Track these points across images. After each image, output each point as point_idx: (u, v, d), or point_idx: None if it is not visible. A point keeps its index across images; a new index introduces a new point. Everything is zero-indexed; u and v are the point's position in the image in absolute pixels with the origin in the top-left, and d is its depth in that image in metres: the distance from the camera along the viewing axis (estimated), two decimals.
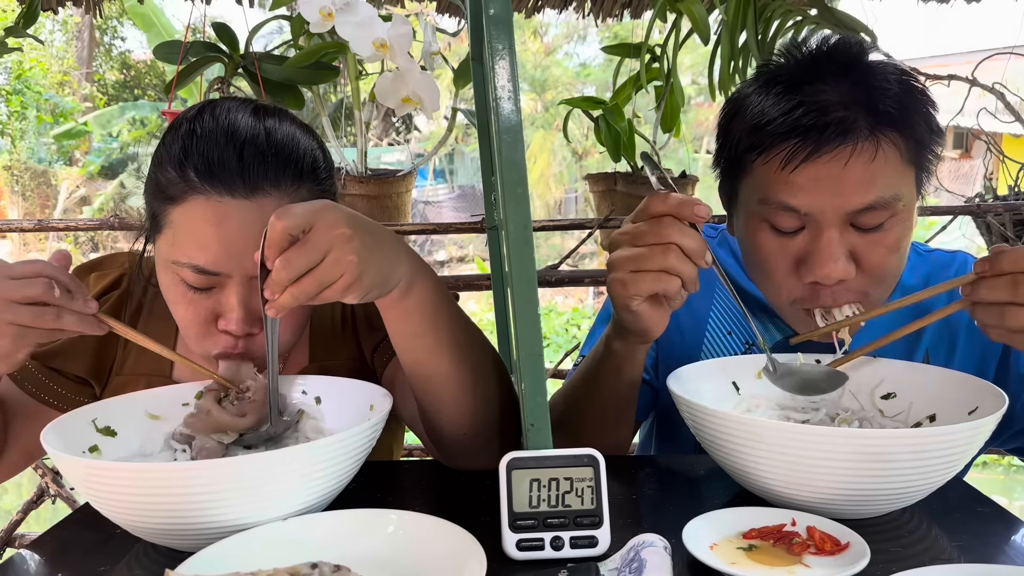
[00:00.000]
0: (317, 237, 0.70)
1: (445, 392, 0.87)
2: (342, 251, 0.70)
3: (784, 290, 0.98)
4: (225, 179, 0.87)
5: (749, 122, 0.96)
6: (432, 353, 0.85)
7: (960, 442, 0.73)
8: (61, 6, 2.35)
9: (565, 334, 8.08)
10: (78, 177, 12.03)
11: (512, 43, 0.74)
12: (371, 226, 0.75)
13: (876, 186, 0.90)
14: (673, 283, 0.82)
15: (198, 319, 0.92)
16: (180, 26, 8.75)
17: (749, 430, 0.76)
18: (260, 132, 0.90)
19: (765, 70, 1.00)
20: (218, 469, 0.69)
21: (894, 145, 0.91)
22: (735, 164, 1.00)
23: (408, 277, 0.79)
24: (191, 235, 0.88)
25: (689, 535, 0.70)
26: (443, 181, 13.83)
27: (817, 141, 0.90)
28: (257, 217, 0.87)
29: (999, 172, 2.30)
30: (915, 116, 0.92)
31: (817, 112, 0.90)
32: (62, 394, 1.04)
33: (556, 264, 2.05)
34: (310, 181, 0.93)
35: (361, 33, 1.68)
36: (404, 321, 0.82)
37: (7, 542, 2.06)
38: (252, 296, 0.90)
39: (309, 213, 0.71)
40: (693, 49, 2.12)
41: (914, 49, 12.57)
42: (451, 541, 0.68)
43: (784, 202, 0.93)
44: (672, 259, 0.81)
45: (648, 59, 2.00)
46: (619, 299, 0.87)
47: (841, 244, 0.92)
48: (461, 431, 0.91)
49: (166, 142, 0.91)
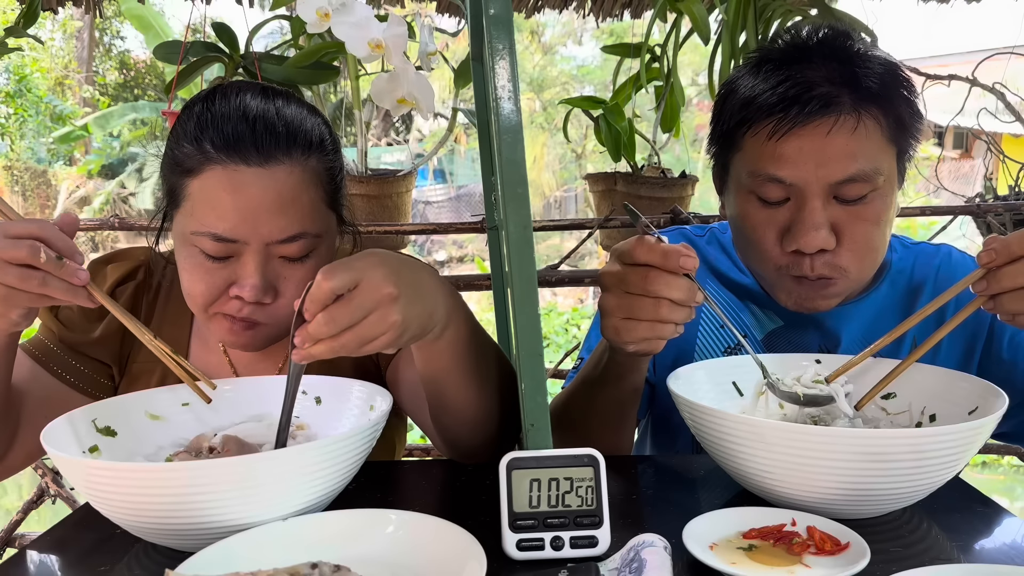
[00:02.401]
0: (363, 297, 0.69)
1: (464, 413, 0.90)
2: (387, 311, 0.70)
3: (769, 259, 1.02)
4: (240, 149, 0.90)
5: (740, 99, 1.01)
6: (457, 384, 0.87)
7: (960, 442, 0.73)
8: (61, 6, 2.35)
9: (565, 334, 8.07)
10: (78, 177, 12.03)
11: (512, 43, 0.74)
12: (414, 279, 0.74)
13: (857, 159, 0.95)
14: (666, 329, 0.84)
15: (212, 288, 0.93)
16: (178, 28, 8.75)
17: (749, 430, 0.76)
18: (270, 108, 0.94)
19: (757, 53, 1.05)
20: (218, 469, 0.69)
21: (876, 120, 0.96)
22: (727, 140, 1.05)
23: (444, 322, 0.80)
24: (209, 204, 0.91)
25: (689, 535, 0.70)
26: (443, 181, 13.82)
27: (801, 112, 0.95)
28: (271, 184, 0.91)
29: (999, 172, 2.30)
30: (896, 95, 0.97)
31: (802, 86, 0.95)
32: (89, 376, 1.05)
33: (556, 264, 2.05)
34: (319, 153, 0.97)
35: (357, 33, 1.68)
36: (435, 359, 0.84)
37: (7, 542, 2.06)
38: (268, 264, 0.93)
39: (356, 272, 0.69)
40: (693, 49, 2.12)
41: (914, 49, 12.57)
42: (451, 541, 0.68)
43: (771, 173, 0.97)
44: (663, 311, 0.82)
45: (648, 59, 2.01)
46: (614, 343, 0.88)
47: (823, 214, 0.96)
48: (476, 440, 0.94)
49: (181, 120, 0.95)
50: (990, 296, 0.81)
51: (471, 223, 2.01)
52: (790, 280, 1.01)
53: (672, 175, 2.10)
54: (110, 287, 1.08)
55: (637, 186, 2.06)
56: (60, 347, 1.05)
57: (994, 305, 0.82)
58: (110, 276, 1.08)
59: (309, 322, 0.69)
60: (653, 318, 0.82)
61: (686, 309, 0.83)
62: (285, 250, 0.94)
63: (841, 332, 1.08)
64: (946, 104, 2.34)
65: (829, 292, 1.00)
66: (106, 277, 1.09)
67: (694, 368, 0.96)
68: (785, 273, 1.01)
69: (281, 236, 0.92)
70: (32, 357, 1.03)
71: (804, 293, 1.01)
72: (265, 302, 0.94)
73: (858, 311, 1.09)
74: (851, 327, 1.09)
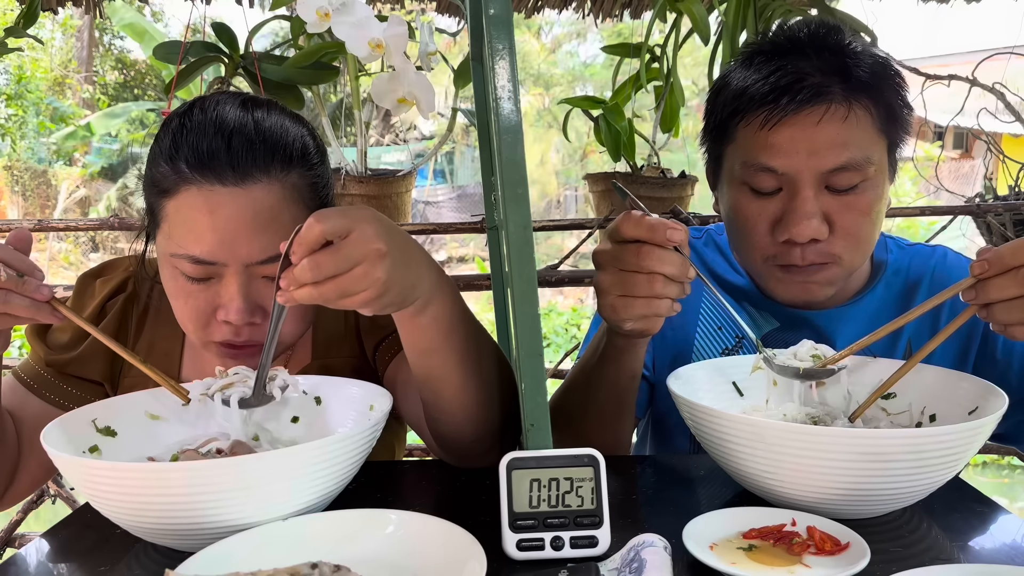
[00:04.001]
0: (351, 248, 0.68)
1: (454, 402, 0.88)
2: (372, 267, 0.69)
3: (760, 249, 1.02)
4: (215, 168, 0.88)
5: (732, 91, 1.02)
6: (444, 367, 0.85)
7: (960, 442, 0.73)
8: (61, 6, 2.35)
9: (565, 334, 8.07)
10: (78, 177, 12.03)
11: (512, 43, 0.74)
12: (404, 243, 0.74)
13: (848, 147, 0.96)
14: (663, 305, 0.84)
15: (197, 311, 0.92)
16: (171, 34, 8.74)
17: (749, 430, 0.76)
18: (248, 122, 0.92)
19: (749, 46, 1.06)
20: (218, 469, 0.69)
21: (866, 110, 0.97)
22: (720, 133, 1.05)
23: (426, 295, 0.78)
24: (185, 226, 0.89)
25: (689, 535, 0.70)
26: (443, 181, 13.81)
27: (792, 101, 0.96)
28: (248, 204, 0.89)
29: (999, 172, 2.30)
30: (886, 86, 0.99)
31: (793, 76, 0.97)
32: (82, 397, 1.04)
33: (556, 264, 2.05)
34: (300, 167, 0.94)
35: (357, 33, 1.68)
36: (418, 335, 0.83)
37: (7, 542, 2.06)
38: (250, 284, 0.91)
39: (348, 220, 0.69)
40: (693, 49, 2.12)
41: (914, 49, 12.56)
42: (451, 541, 0.68)
43: (763, 163, 0.98)
44: (658, 287, 0.83)
45: (648, 59, 2.01)
46: (611, 321, 0.89)
47: (815, 203, 0.97)
48: (467, 437, 0.92)
49: (158, 138, 0.93)
50: (983, 305, 0.81)
51: (471, 223, 2.01)
52: (780, 270, 1.02)
53: (672, 175, 2.10)
54: (101, 302, 1.07)
55: (637, 186, 2.06)
56: (49, 371, 1.04)
57: (987, 314, 0.82)
58: (99, 291, 1.07)
59: (295, 265, 0.69)
60: (648, 294, 0.83)
61: (679, 285, 0.84)
62: (267, 270, 0.91)
63: (836, 334, 1.08)
64: (946, 104, 2.34)
65: (821, 277, 1.00)
66: (95, 292, 1.08)
67: (694, 368, 0.96)
68: (774, 263, 1.02)
69: (261, 257, 0.90)
70: (24, 384, 1.03)
71: (796, 280, 1.01)
72: (255, 322, 0.92)
73: (854, 313, 1.09)
74: (847, 329, 1.08)
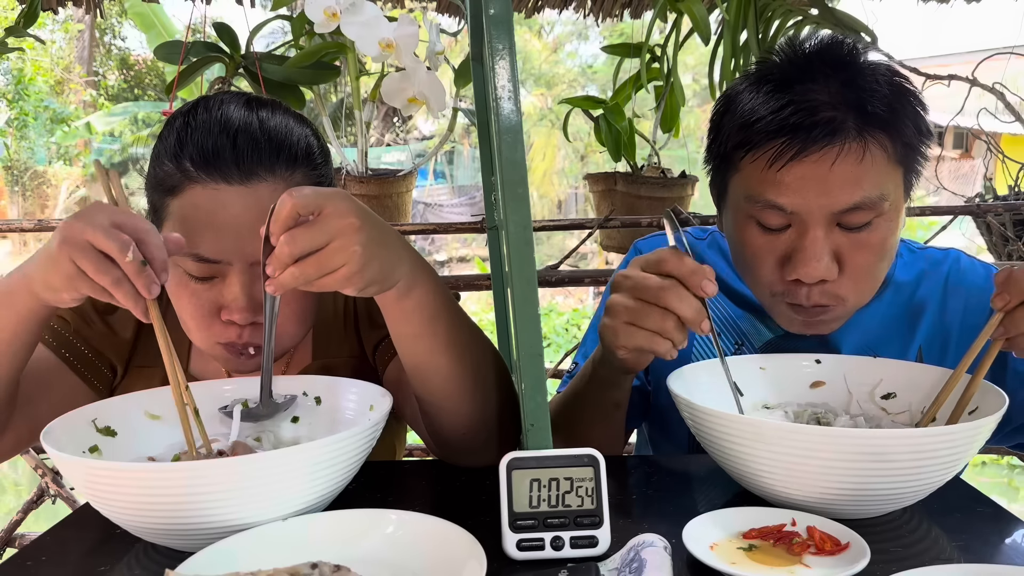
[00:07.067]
0: (325, 222, 0.70)
1: (444, 392, 0.87)
2: (348, 240, 0.70)
3: (766, 285, 0.99)
4: (220, 167, 0.88)
5: (739, 119, 0.97)
6: (432, 354, 0.85)
7: (960, 442, 0.73)
8: (61, 6, 2.35)
9: (565, 334, 8.07)
10: (78, 177, 12.03)
11: (512, 43, 0.74)
12: (379, 222, 0.75)
13: (862, 186, 0.90)
14: (664, 345, 0.84)
15: (201, 311, 0.92)
16: (180, 26, 8.74)
17: (749, 430, 0.76)
18: (253, 121, 0.92)
19: (757, 68, 1.00)
20: (218, 469, 0.69)
21: (881, 146, 0.91)
22: (725, 160, 1.01)
23: (409, 278, 0.79)
24: (190, 224, 0.89)
25: (689, 535, 0.70)
26: (443, 181, 13.82)
27: (805, 140, 0.90)
28: (253, 203, 0.89)
29: (999, 172, 2.30)
30: (904, 118, 0.92)
31: (806, 111, 0.90)
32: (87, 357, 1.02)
33: (556, 264, 2.05)
34: (305, 167, 0.95)
35: (367, 33, 1.68)
36: (404, 321, 0.83)
37: (7, 542, 2.06)
38: (254, 284, 0.91)
39: (321, 197, 0.71)
40: (693, 49, 2.13)
41: (914, 49, 12.56)
42: (451, 541, 0.68)
43: (771, 200, 0.93)
44: (669, 326, 0.83)
45: (648, 59, 2.01)
46: (608, 344, 0.89)
47: (826, 244, 0.92)
48: (460, 430, 0.91)
49: (163, 136, 0.93)
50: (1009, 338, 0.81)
51: (471, 223, 2.01)
52: (786, 307, 0.99)
53: (672, 175, 2.10)
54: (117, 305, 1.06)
55: (637, 186, 2.06)
56: (65, 328, 1.02)
57: (1010, 344, 0.82)
58: None
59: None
60: (655, 329, 0.83)
61: (685, 332, 0.84)
62: None
63: (841, 343, 1.07)
64: (946, 104, 2.34)
65: (826, 319, 0.98)
66: None
67: (695, 368, 0.96)
68: (781, 300, 0.98)
69: None
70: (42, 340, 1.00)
71: (802, 320, 0.99)
72: (258, 322, 0.92)
73: (859, 322, 1.06)
74: (852, 338, 1.07)
